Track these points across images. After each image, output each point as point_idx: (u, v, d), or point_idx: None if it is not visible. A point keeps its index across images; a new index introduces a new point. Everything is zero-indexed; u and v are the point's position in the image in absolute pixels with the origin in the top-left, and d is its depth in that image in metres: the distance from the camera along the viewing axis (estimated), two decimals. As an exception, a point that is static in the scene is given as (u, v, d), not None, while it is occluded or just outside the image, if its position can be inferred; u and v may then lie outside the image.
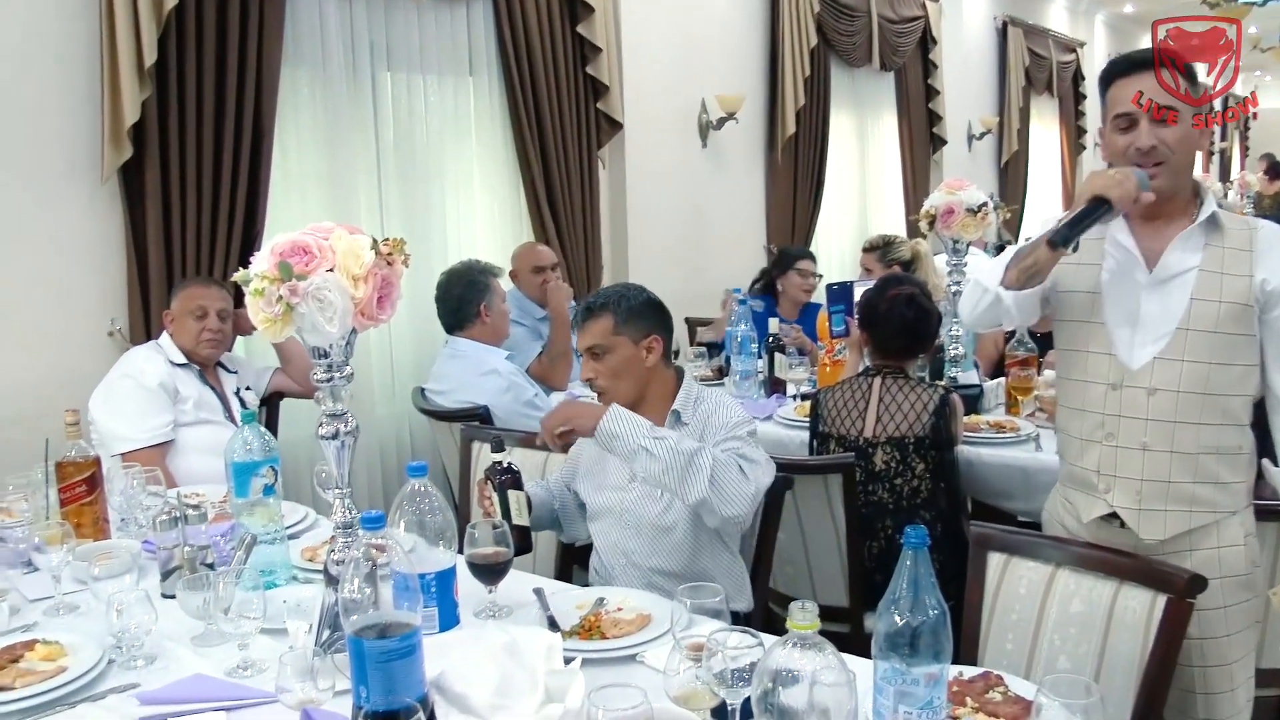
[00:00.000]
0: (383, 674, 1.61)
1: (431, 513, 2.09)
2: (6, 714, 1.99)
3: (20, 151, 3.95)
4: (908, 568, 1.61)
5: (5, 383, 3.94)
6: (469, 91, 5.49)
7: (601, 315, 2.74)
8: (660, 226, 6.68)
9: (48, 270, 4.04)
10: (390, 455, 5.07)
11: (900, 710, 1.61)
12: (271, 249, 1.90)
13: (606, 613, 2.26)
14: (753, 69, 7.59)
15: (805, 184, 8.02)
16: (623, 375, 2.74)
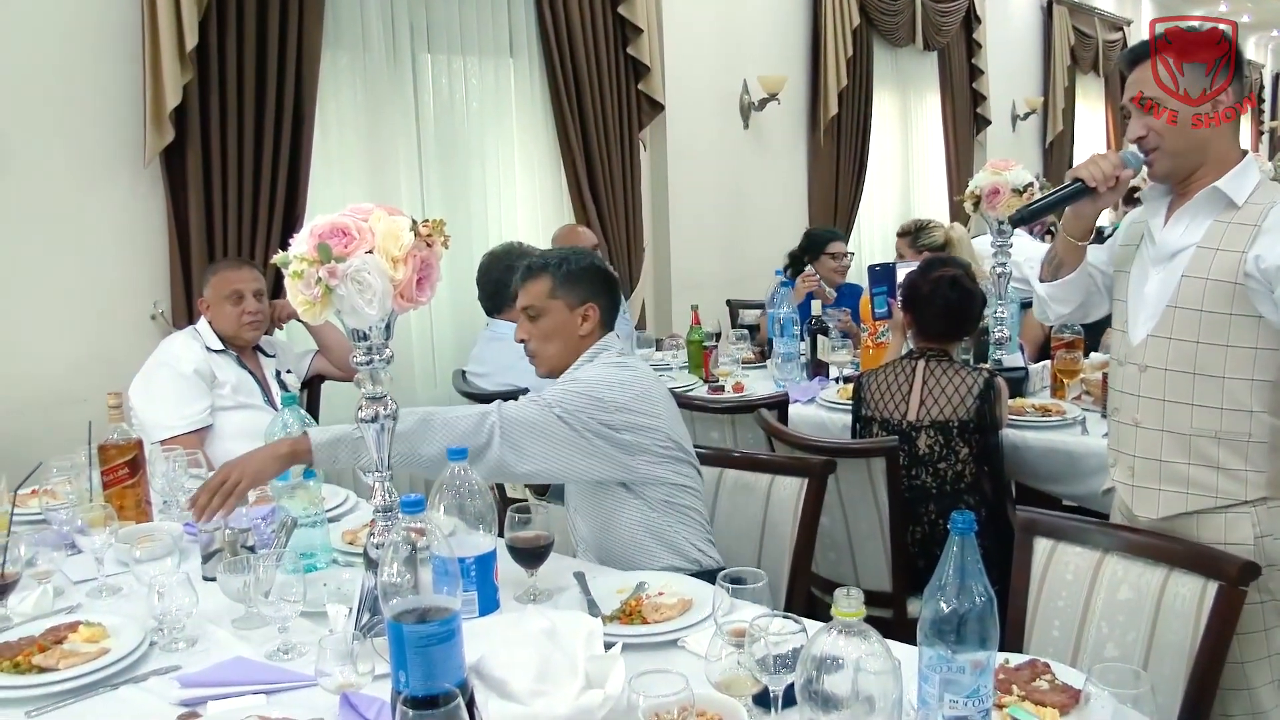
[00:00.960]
0: (422, 658, 1.59)
1: (471, 496, 2.07)
2: (51, 694, 1.99)
3: (64, 136, 3.98)
4: (954, 553, 1.57)
5: (49, 366, 3.97)
6: (509, 73, 5.47)
7: (540, 276, 2.69)
8: (702, 208, 6.64)
9: (91, 254, 4.07)
10: (431, 438, 5.07)
11: (946, 699, 1.57)
12: (310, 231, 1.89)
13: (647, 597, 2.24)
14: (795, 49, 7.53)
15: (848, 165, 7.96)
16: (554, 339, 2.70)
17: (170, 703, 1.95)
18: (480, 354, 4.31)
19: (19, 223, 3.89)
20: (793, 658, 1.67)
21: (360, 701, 1.78)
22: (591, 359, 2.68)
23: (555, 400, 2.51)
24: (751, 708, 1.74)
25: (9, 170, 3.86)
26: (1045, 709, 1.77)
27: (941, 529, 3.34)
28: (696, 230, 6.58)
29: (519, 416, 2.47)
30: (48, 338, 3.99)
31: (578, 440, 2.49)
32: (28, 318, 3.94)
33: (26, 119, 3.88)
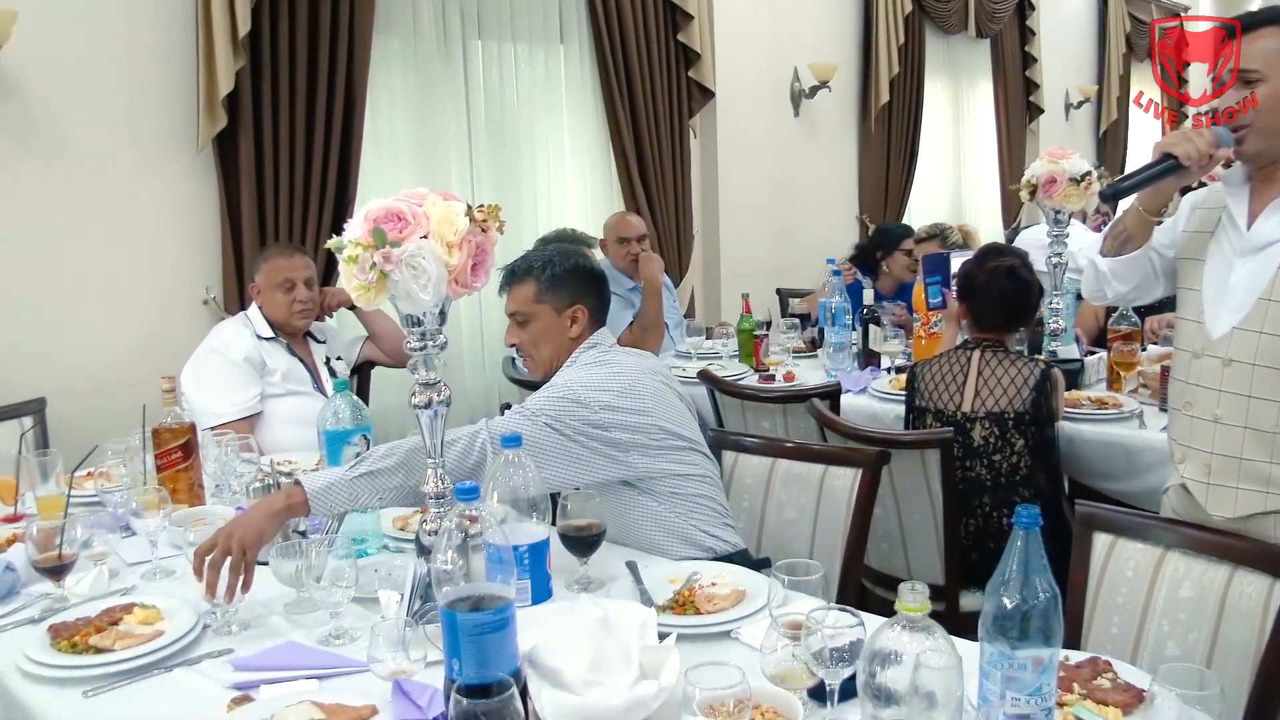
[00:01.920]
0: (476, 647, 1.58)
1: (525, 484, 2.06)
2: (106, 675, 2.00)
3: (120, 122, 4.02)
4: (1018, 548, 1.54)
5: (104, 349, 4.02)
6: (560, 59, 5.46)
7: (525, 281, 2.64)
8: (751, 196, 6.60)
9: (145, 239, 4.11)
10: (480, 426, 5.07)
11: (1008, 696, 1.54)
12: (365, 215, 1.87)
13: (700, 587, 2.21)
14: (846, 37, 7.46)
15: (898, 154, 7.88)
16: (544, 343, 2.64)
17: (223, 686, 1.95)
18: (530, 340, 4.30)
19: (75, 208, 3.93)
20: (850, 651, 1.64)
21: (413, 689, 1.77)
22: (573, 362, 2.64)
23: (539, 409, 2.44)
24: (807, 701, 1.71)
25: (66, 156, 3.90)
26: (1108, 708, 1.73)
27: (995, 522, 3.30)
28: (746, 218, 6.55)
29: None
30: (102, 322, 4.04)
31: (570, 446, 2.43)
32: (83, 302, 3.98)
33: (83, 106, 3.92)
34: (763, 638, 1.79)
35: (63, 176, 3.90)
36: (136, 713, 1.90)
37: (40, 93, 3.82)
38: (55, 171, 3.89)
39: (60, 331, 3.94)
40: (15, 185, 3.80)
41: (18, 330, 3.84)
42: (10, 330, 3.82)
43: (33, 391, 3.81)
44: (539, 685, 1.67)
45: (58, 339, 3.93)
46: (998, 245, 4.06)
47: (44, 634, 2.15)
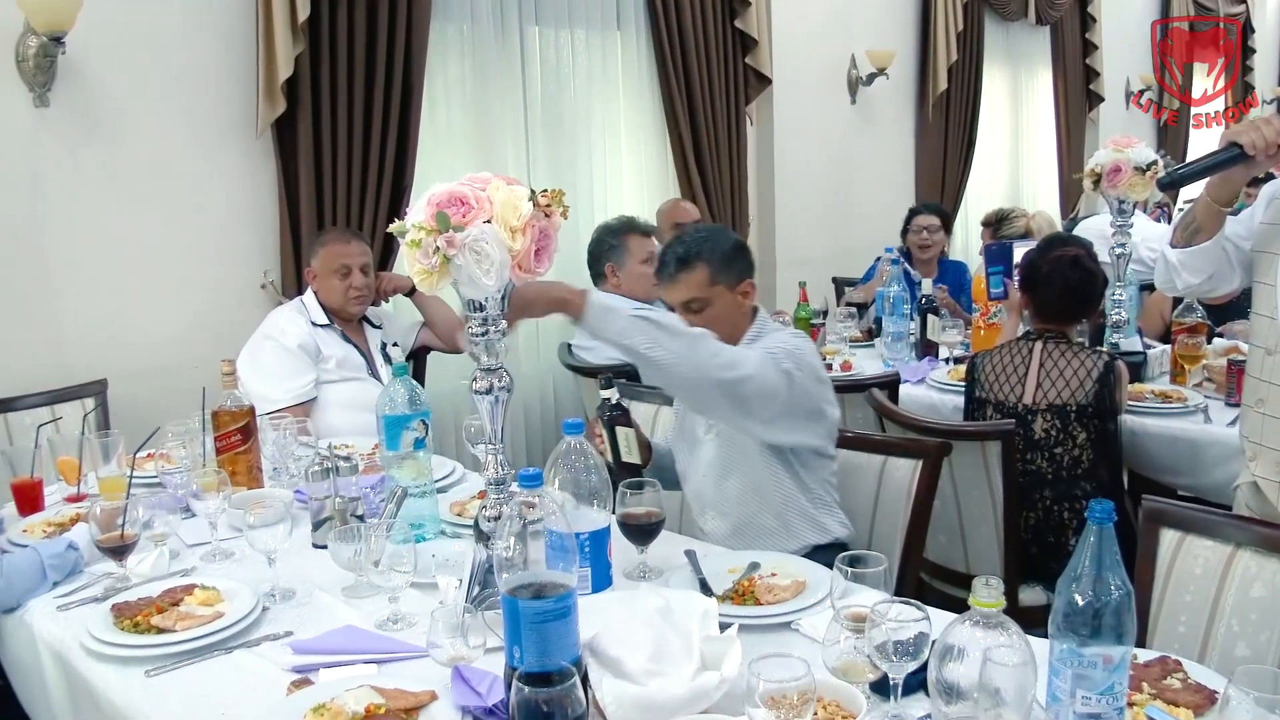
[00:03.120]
0: (537, 635, 1.57)
1: (586, 471, 2.04)
2: (168, 655, 2.02)
3: (180, 107, 4.05)
4: (1091, 544, 1.50)
5: (163, 332, 4.05)
6: (616, 46, 5.44)
7: (695, 266, 2.61)
8: (808, 184, 6.55)
9: (204, 223, 4.14)
10: (534, 412, 5.08)
11: (1078, 694, 1.51)
12: (428, 199, 1.86)
13: (760, 578, 2.19)
14: (904, 23, 7.38)
15: (956, 142, 7.79)
16: (722, 324, 2.59)
17: (282, 668, 1.96)
18: (587, 328, 4.28)
19: (137, 192, 3.97)
20: (914, 645, 1.62)
21: (472, 675, 1.76)
22: (762, 331, 2.65)
23: (782, 355, 2.44)
24: (869, 695, 1.69)
25: (128, 141, 3.93)
26: (1179, 709, 1.69)
27: (1056, 516, 3.26)
28: (802, 206, 6.49)
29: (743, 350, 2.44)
30: (162, 305, 4.07)
31: (790, 401, 2.46)
32: (143, 285, 4.02)
33: (145, 91, 3.95)
34: (825, 630, 1.77)
35: (125, 161, 3.94)
36: (198, 693, 1.91)
37: (103, 78, 3.86)
38: (118, 156, 3.92)
39: (121, 314, 3.98)
40: (79, 169, 3.84)
41: (80, 313, 3.88)
42: (73, 313, 3.86)
43: (95, 373, 3.86)
44: (600, 674, 1.66)
45: (119, 321, 3.97)
46: (1062, 235, 4.01)
47: (107, 613, 2.18)
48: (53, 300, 3.82)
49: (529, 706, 1.46)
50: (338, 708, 1.71)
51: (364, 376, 3.82)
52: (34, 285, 3.78)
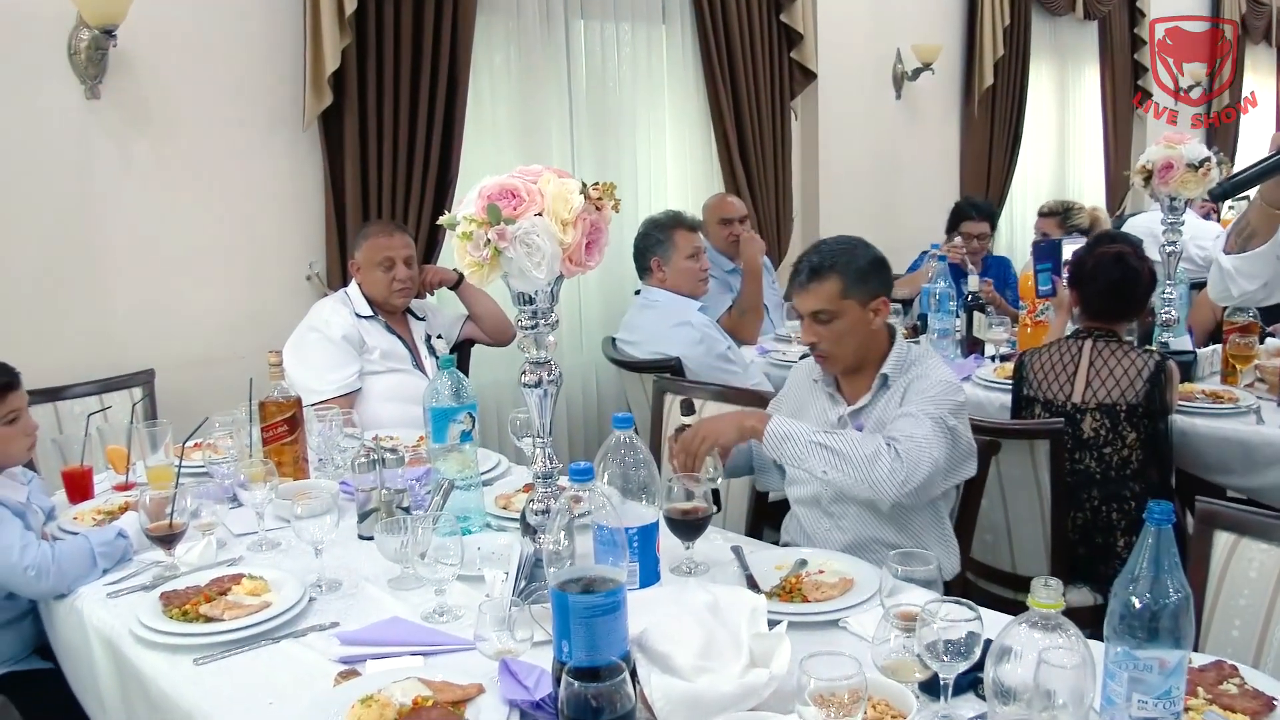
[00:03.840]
0: (586, 629, 1.56)
1: (636, 466, 2.03)
2: (217, 644, 2.04)
3: (228, 99, 4.07)
4: (1149, 545, 1.48)
5: (209, 322, 4.09)
6: (661, 40, 5.42)
7: (829, 277, 2.55)
8: (852, 179, 6.51)
9: (250, 214, 4.17)
10: (577, 406, 5.08)
11: (1134, 698, 1.48)
12: (479, 192, 1.86)
13: (807, 575, 2.18)
14: (950, 18, 7.31)
15: (1001, 138, 7.71)
16: (847, 339, 2.58)
17: (329, 659, 1.97)
18: (632, 321, 4.28)
19: (185, 183, 4.00)
20: (965, 645, 1.60)
21: (520, 669, 1.76)
22: (906, 359, 2.63)
23: (938, 415, 2.45)
24: (919, 694, 1.67)
25: (177, 133, 3.96)
26: (1236, 714, 1.66)
27: (1104, 516, 3.22)
28: (846, 201, 6.46)
29: (917, 435, 2.42)
30: (208, 296, 4.10)
31: (953, 455, 2.48)
32: (190, 276, 4.05)
33: (194, 83, 3.98)
34: (875, 628, 1.75)
35: (173, 152, 3.96)
36: (245, 682, 1.92)
37: (153, 71, 3.88)
38: (166, 148, 3.95)
39: (168, 305, 4.01)
40: (129, 161, 3.87)
41: (129, 303, 3.91)
42: (121, 303, 3.90)
43: (142, 363, 3.89)
44: (648, 670, 1.65)
45: (166, 312, 4.00)
46: (1110, 232, 3.96)
47: (156, 601, 2.20)
48: (102, 291, 3.86)
49: (578, 701, 1.45)
50: (385, 699, 1.71)
51: (408, 368, 3.83)
52: (84, 276, 3.82)
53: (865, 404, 2.62)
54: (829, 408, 2.69)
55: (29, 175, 3.66)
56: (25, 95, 3.64)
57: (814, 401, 2.74)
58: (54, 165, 3.72)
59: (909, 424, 2.43)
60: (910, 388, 2.55)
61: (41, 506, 2.72)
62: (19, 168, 3.64)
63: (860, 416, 2.62)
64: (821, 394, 2.72)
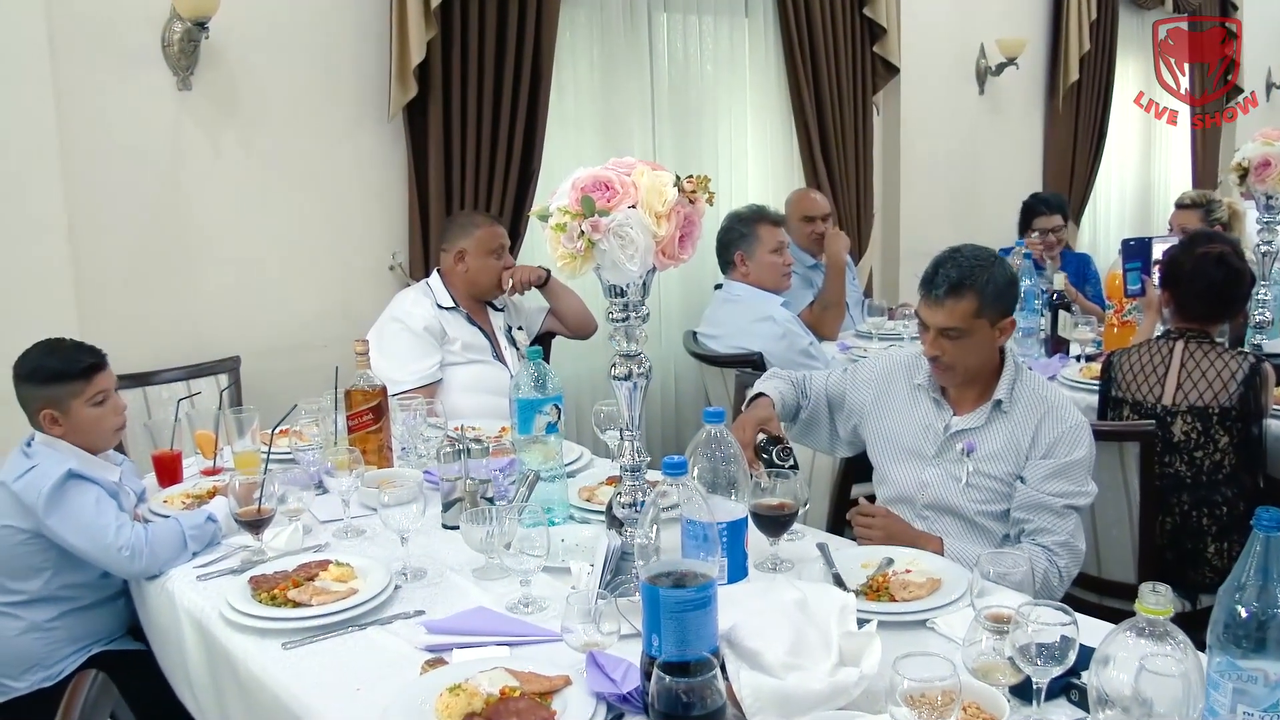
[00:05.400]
0: (677, 624, 1.56)
1: (725, 461, 2.02)
2: (304, 629, 2.06)
3: (315, 91, 4.12)
4: (1257, 553, 1.44)
5: (294, 310, 4.14)
6: (744, 33, 5.40)
7: (966, 295, 2.49)
8: (933, 175, 6.44)
9: (336, 204, 4.21)
10: (655, 400, 5.08)
11: (1240, 710, 1.45)
12: (573, 183, 1.86)
13: (894, 574, 2.15)
14: (1035, 12, 7.19)
15: (1086, 134, 7.58)
16: (971, 356, 2.55)
17: (415, 647, 1.99)
18: (714, 316, 4.27)
19: (272, 173, 4.05)
20: (1059, 648, 1.58)
21: (607, 662, 1.75)
22: (1038, 381, 2.65)
23: (1082, 492, 2.50)
24: (1009, 698, 1.64)
25: (265, 123, 4.01)
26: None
27: (1194, 522, 3.16)
28: (927, 197, 6.38)
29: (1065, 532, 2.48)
30: (293, 285, 4.15)
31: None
32: (276, 264, 4.11)
33: (283, 74, 4.03)
34: (965, 629, 1.73)
35: (261, 143, 4.02)
36: (333, 667, 1.94)
37: (243, 62, 3.94)
38: (255, 138, 4.00)
39: (254, 293, 4.06)
40: (218, 151, 3.93)
41: (216, 291, 3.97)
42: (209, 291, 3.96)
43: (228, 350, 3.95)
44: (737, 666, 1.64)
45: (252, 300, 4.06)
46: (1207, 231, 3.86)
47: (245, 585, 2.23)
48: (191, 278, 3.92)
49: (669, 696, 1.45)
50: (473, 688, 1.72)
51: (488, 359, 3.85)
52: (174, 263, 3.88)
53: (977, 426, 2.60)
54: (933, 414, 2.66)
55: (123, 164, 3.73)
56: (121, 86, 3.71)
57: (915, 405, 2.70)
58: (147, 154, 3.79)
59: (1054, 520, 2.47)
60: (1042, 429, 2.53)
61: (133, 489, 2.78)
62: (114, 156, 3.71)
63: (970, 437, 2.59)
64: (925, 398, 2.69)
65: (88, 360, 2.66)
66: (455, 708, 1.68)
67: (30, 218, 3.49)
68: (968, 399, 2.62)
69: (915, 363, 2.72)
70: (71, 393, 2.62)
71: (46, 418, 2.61)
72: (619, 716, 1.70)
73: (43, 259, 3.52)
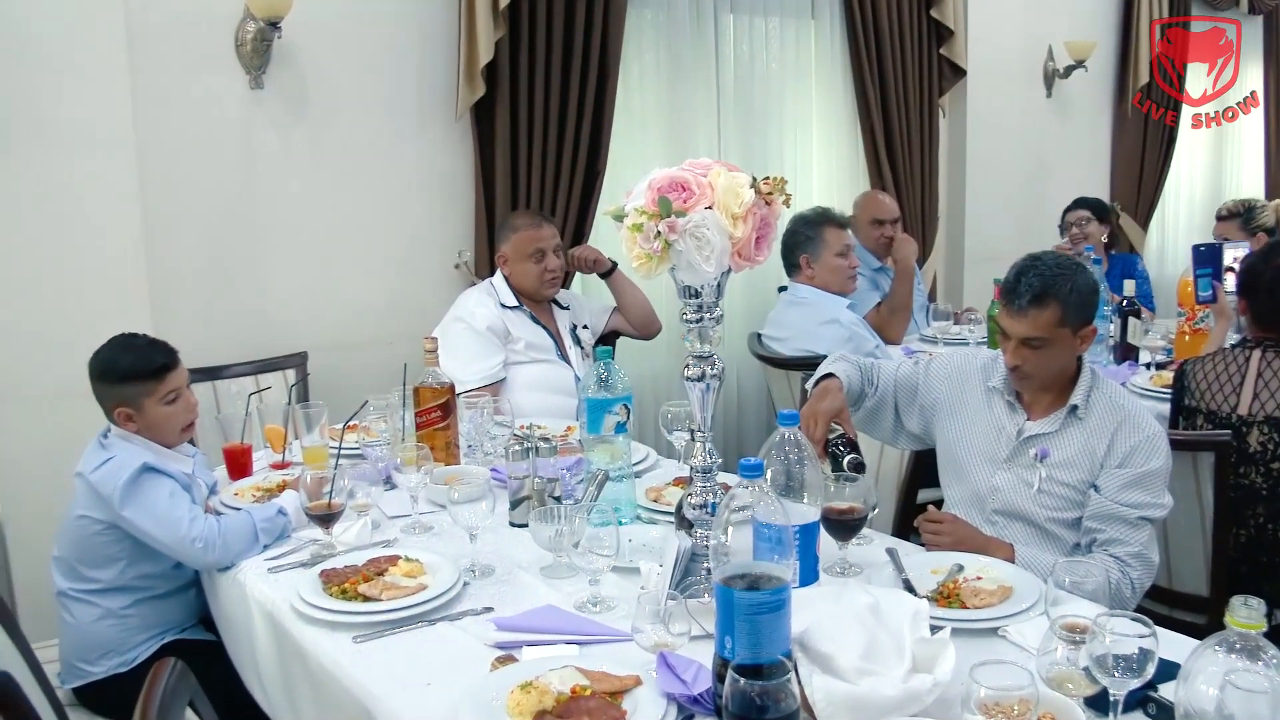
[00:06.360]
0: (750, 626, 1.55)
1: (799, 463, 2.01)
2: (375, 623, 2.08)
3: (384, 90, 4.17)
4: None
5: (361, 307, 4.19)
6: (810, 34, 5.38)
7: (1049, 304, 2.47)
8: (999, 179, 6.36)
9: (402, 203, 4.26)
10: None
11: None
12: (649, 184, 1.86)
13: (965, 580, 2.14)
14: (1105, 13, 7.08)
15: (1155, 139, 7.45)
16: (1052, 364, 2.53)
17: (485, 643, 1.99)
18: (779, 318, 4.26)
19: (341, 171, 4.10)
20: (1138, 661, 1.55)
21: (677, 663, 1.75)
22: (1105, 381, 2.62)
23: (1158, 504, 2.48)
24: (1085, 709, 1.62)
25: (335, 122, 4.06)
26: None
27: (1270, 535, 3.10)
28: (992, 201, 6.32)
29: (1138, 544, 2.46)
30: (360, 282, 4.20)
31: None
32: (344, 262, 4.15)
33: (353, 74, 4.08)
34: (1040, 638, 1.71)
35: (331, 141, 4.06)
36: (403, 662, 1.95)
37: (314, 62, 3.99)
38: (325, 136, 4.05)
39: (322, 290, 4.11)
40: (289, 149, 3.98)
41: (285, 286, 4.03)
42: (278, 286, 4.01)
43: (296, 345, 4.00)
44: (809, 670, 1.63)
45: (320, 297, 4.11)
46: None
47: (316, 578, 2.25)
48: (261, 275, 3.98)
49: (743, 698, 1.44)
50: (544, 686, 1.72)
51: (552, 358, 3.86)
52: (244, 259, 3.94)
53: (1051, 431, 2.57)
54: (1006, 417, 2.64)
55: (196, 161, 3.80)
56: (194, 85, 3.77)
57: (988, 408, 2.68)
58: (219, 152, 3.85)
59: (1128, 530, 2.44)
60: (1118, 437, 2.50)
61: (205, 481, 2.82)
62: (188, 154, 3.77)
63: (1044, 442, 2.56)
64: (999, 401, 2.66)
65: (160, 360, 2.70)
66: (526, 705, 1.69)
67: (106, 214, 3.57)
68: (1042, 404, 2.60)
69: (992, 365, 2.70)
70: (144, 391, 2.66)
71: (121, 414, 2.66)
72: (689, 717, 1.70)
73: (118, 255, 3.59)
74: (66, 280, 3.50)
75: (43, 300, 3.47)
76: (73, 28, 3.45)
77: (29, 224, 3.44)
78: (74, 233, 3.50)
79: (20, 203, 3.42)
